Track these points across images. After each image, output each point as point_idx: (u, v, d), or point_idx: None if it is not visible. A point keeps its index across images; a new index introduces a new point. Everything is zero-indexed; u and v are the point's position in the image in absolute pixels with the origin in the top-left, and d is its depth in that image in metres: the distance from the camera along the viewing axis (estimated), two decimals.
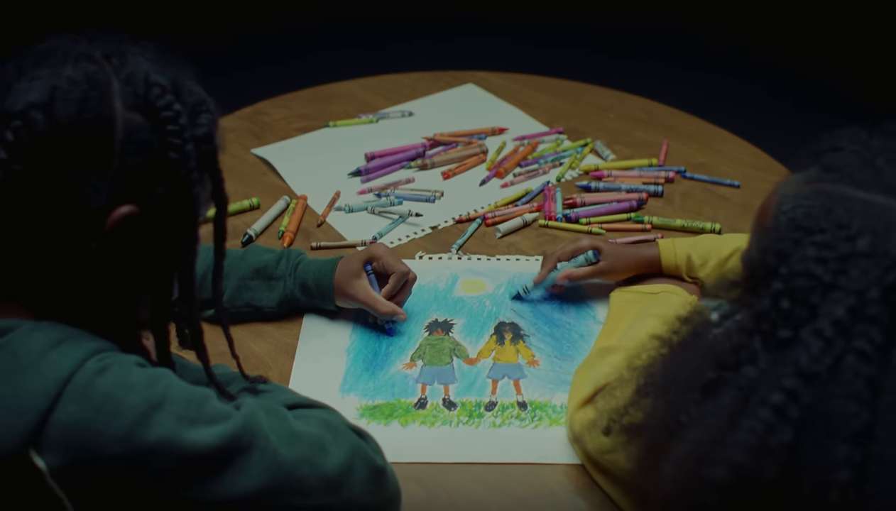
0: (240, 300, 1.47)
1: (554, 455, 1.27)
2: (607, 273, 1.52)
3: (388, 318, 1.45)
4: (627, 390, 1.10)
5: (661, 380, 1.03)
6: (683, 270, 1.51)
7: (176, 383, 0.96)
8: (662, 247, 1.52)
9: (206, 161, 1.00)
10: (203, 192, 1.01)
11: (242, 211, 1.75)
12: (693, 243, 1.52)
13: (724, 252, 1.49)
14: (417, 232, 1.71)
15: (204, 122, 0.99)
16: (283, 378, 1.39)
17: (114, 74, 0.94)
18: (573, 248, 1.52)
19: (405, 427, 1.31)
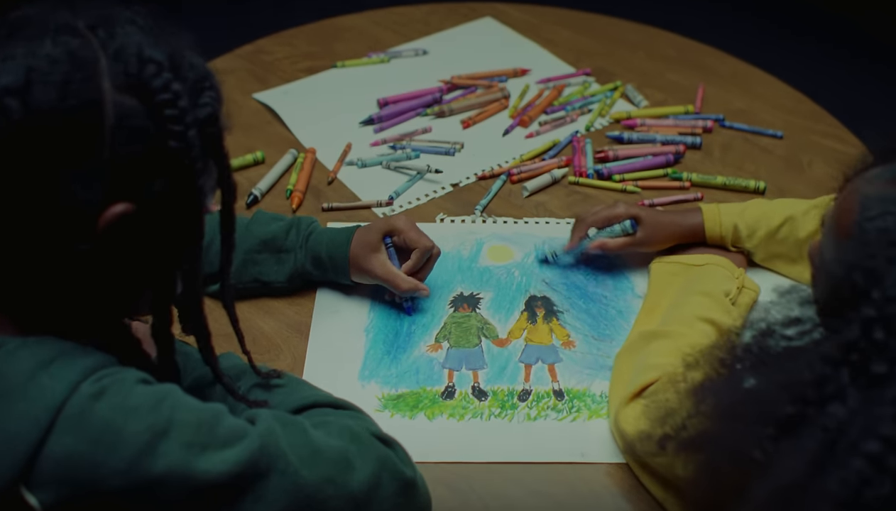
0: (246, 275, 1.34)
1: (596, 453, 1.16)
2: (645, 244, 1.39)
3: (410, 295, 1.33)
4: (681, 396, 0.98)
5: (726, 400, 0.91)
6: (729, 241, 1.38)
7: (184, 402, 0.86)
8: (707, 215, 1.39)
9: (210, 146, 0.87)
10: (208, 180, 0.89)
11: (246, 166, 1.61)
12: (740, 211, 1.39)
13: (774, 222, 1.37)
14: (437, 190, 1.57)
15: (207, 101, 0.87)
16: (297, 362, 1.27)
17: (101, 50, 0.81)
18: (607, 214, 1.39)
19: (432, 421, 1.20)
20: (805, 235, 1.35)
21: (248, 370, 1.08)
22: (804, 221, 1.36)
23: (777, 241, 1.37)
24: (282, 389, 1.06)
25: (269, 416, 0.92)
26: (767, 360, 0.91)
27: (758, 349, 0.93)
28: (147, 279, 0.89)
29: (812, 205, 1.37)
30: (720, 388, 0.94)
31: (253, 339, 1.29)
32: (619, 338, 1.31)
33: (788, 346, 0.91)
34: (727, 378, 0.94)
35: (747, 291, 1.32)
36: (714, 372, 0.97)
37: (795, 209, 1.37)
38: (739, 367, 0.94)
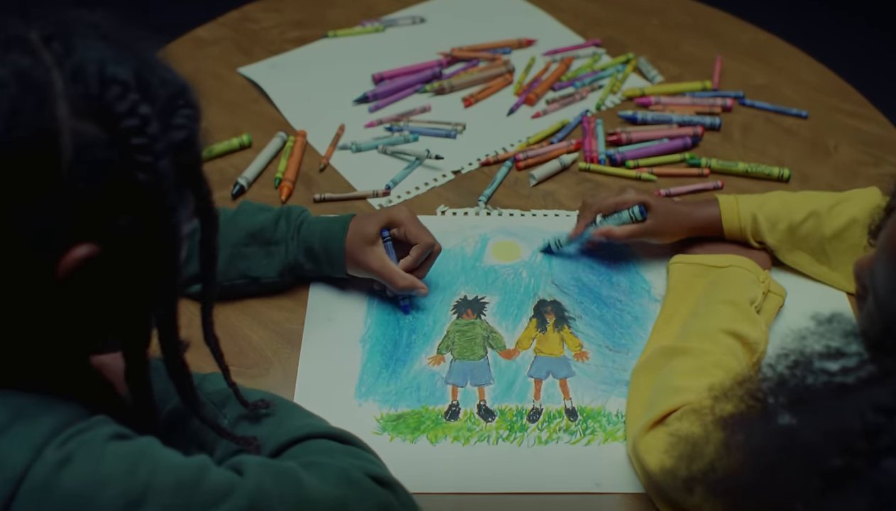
0: (234, 271, 1.23)
1: (612, 481, 1.07)
2: (655, 234, 1.29)
3: (407, 293, 1.23)
4: (708, 430, 0.89)
5: (760, 444, 0.82)
6: (749, 234, 1.28)
7: (162, 460, 0.76)
8: (724, 206, 1.28)
9: (186, 175, 0.76)
10: (185, 211, 0.78)
11: (231, 151, 1.50)
12: (760, 203, 1.28)
13: (797, 216, 1.26)
14: (437, 178, 1.46)
15: (181, 122, 0.76)
16: (288, 378, 1.17)
17: (56, 68, 0.70)
18: (616, 200, 1.29)
19: (435, 445, 1.10)
20: (830, 233, 1.25)
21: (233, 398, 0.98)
22: (829, 218, 1.26)
23: (800, 238, 1.27)
24: (271, 419, 0.96)
25: (258, 467, 0.82)
26: (807, 398, 0.81)
27: (795, 384, 0.83)
28: (116, 325, 0.79)
29: (837, 200, 1.27)
30: (753, 428, 0.84)
31: (240, 350, 1.20)
32: (636, 348, 1.21)
33: (831, 383, 0.81)
34: (760, 415, 0.85)
35: (773, 297, 1.23)
36: (744, 406, 0.87)
37: (819, 203, 1.27)
38: (772, 401, 0.84)
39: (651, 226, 1.28)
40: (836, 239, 1.26)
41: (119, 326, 0.79)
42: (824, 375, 0.81)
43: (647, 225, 1.27)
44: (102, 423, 0.76)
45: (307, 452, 0.91)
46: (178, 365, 0.84)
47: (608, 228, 1.28)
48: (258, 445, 0.91)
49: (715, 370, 1.07)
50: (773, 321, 1.22)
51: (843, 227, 1.25)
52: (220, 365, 0.94)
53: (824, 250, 1.27)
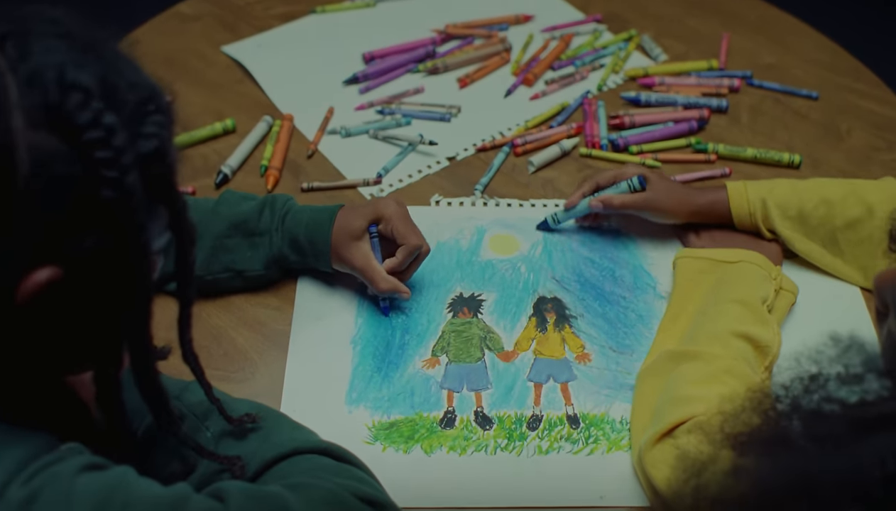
0: (217, 264, 1.17)
1: (617, 494, 1.01)
2: (654, 208, 1.23)
3: (388, 296, 1.16)
4: (717, 449, 0.83)
5: (771, 480, 0.76)
6: (759, 219, 1.22)
7: (137, 493, 0.70)
8: (732, 191, 1.22)
9: (158, 189, 0.70)
10: (157, 226, 0.72)
11: (214, 136, 1.42)
12: (770, 188, 1.22)
13: (808, 204, 1.20)
14: (431, 165, 1.39)
15: (152, 131, 0.69)
16: (275, 382, 1.11)
17: (10, 74, 0.63)
18: (615, 172, 1.25)
19: (430, 455, 1.05)
20: (843, 223, 1.19)
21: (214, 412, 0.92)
22: (842, 208, 1.19)
23: (811, 226, 1.21)
24: (257, 434, 0.90)
25: (240, 495, 0.76)
26: (822, 432, 0.75)
27: (809, 411, 0.77)
28: (85, 349, 0.72)
29: (850, 189, 1.21)
30: (763, 459, 0.78)
31: (225, 353, 1.14)
32: (641, 349, 1.15)
33: (849, 416, 0.75)
34: (770, 442, 0.79)
35: (785, 294, 1.17)
36: (755, 426, 0.81)
37: (831, 192, 1.21)
38: (785, 426, 0.78)
39: (650, 198, 1.22)
40: (849, 230, 1.19)
41: (88, 350, 0.73)
42: (841, 406, 0.75)
43: (647, 196, 1.22)
44: (72, 454, 0.70)
45: (294, 470, 0.86)
46: (149, 385, 0.78)
47: (606, 196, 1.22)
48: (242, 465, 0.86)
49: (726, 377, 1.01)
50: (785, 319, 1.17)
51: (857, 218, 1.19)
52: (202, 382, 0.88)
53: (836, 241, 1.21)
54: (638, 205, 1.23)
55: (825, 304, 1.20)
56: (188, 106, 1.47)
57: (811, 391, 0.76)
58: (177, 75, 1.51)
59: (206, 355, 1.13)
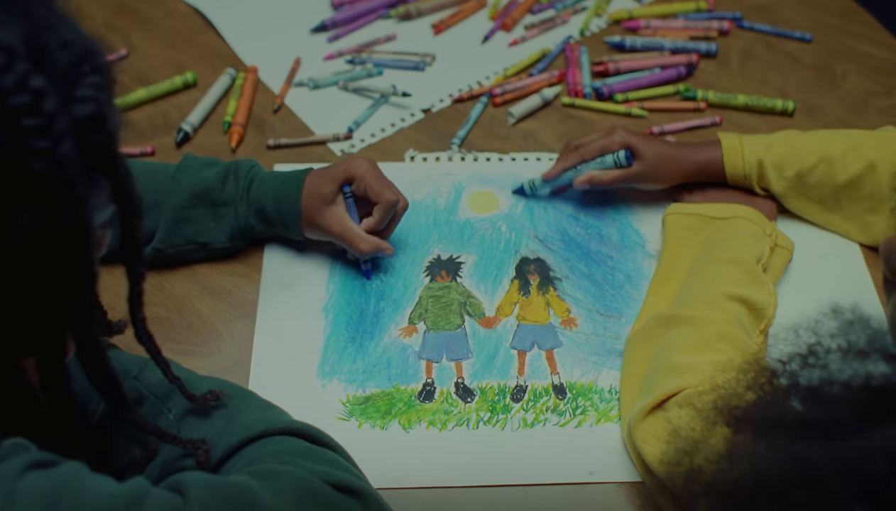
0: (179, 237, 1.09)
1: (607, 469, 0.96)
2: (645, 179, 1.16)
3: (371, 257, 1.10)
4: (710, 426, 0.77)
5: (769, 467, 0.70)
6: (755, 181, 1.15)
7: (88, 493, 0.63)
8: (727, 150, 1.15)
9: (97, 157, 0.62)
10: (99, 198, 0.64)
11: (174, 91, 1.34)
12: (766, 145, 1.15)
13: (807, 162, 1.13)
14: (405, 118, 1.32)
15: (87, 93, 0.62)
16: (243, 355, 1.04)
17: None
18: (601, 144, 1.15)
19: (408, 431, 0.99)
20: (844, 181, 1.12)
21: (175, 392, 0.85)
22: (843, 164, 1.13)
23: (809, 186, 1.14)
24: (223, 413, 0.84)
25: (203, 488, 0.69)
26: (825, 418, 0.69)
27: (810, 390, 0.71)
28: (24, 339, 0.65)
29: (852, 144, 1.14)
30: (759, 443, 0.72)
31: (189, 325, 1.07)
32: (630, 312, 1.09)
33: (853, 400, 0.69)
34: (768, 424, 0.73)
35: (780, 251, 1.11)
36: (751, 401, 0.74)
37: (832, 147, 1.14)
38: (783, 406, 0.72)
39: (639, 171, 1.15)
40: (851, 187, 1.13)
41: (28, 337, 0.66)
42: (845, 389, 0.69)
43: (635, 170, 1.15)
44: (16, 451, 0.63)
45: (262, 454, 0.80)
46: (98, 371, 0.72)
47: (591, 174, 1.15)
48: (207, 449, 0.79)
49: (719, 344, 0.95)
50: (781, 278, 1.10)
51: (859, 174, 1.12)
52: (159, 362, 0.81)
53: (837, 199, 1.14)
54: (627, 179, 1.16)
55: (822, 260, 1.14)
56: (145, 59, 1.39)
57: (811, 367, 0.70)
58: (132, 25, 1.42)
59: (169, 328, 1.06)
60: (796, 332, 0.72)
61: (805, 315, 0.72)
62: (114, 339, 0.89)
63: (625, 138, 1.15)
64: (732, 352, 0.95)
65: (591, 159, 1.15)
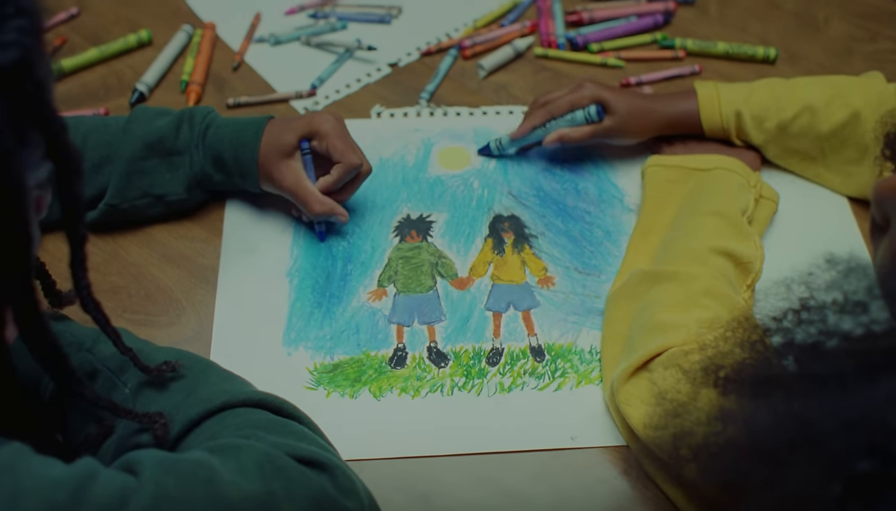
0: (133, 190, 1.04)
1: (589, 434, 0.91)
2: (617, 134, 1.11)
3: (323, 219, 1.04)
4: (698, 387, 0.72)
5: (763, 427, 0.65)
6: (733, 133, 1.10)
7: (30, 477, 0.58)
8: (703, 100, 1.10)
9: (26, 109, 0.57)
10: (32, 155, 0.59)
11: (128, 50, 1.27)
12: (745, 96, 1.10)
13: (788, 112, 1.08)
14: (371, 73, 1.26)
15: (11, 38, 0.57)
16: (204, 325, 0.99)
17: None
18: (570, 99, 1.10)
19: (379, 399, 0.94)
20: (828, 130, 1.08)
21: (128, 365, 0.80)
22: (827, 114, 1.08)
23: (791, 137, 1.09)
24: (182, 384, 0.79)
25: (157, 467, 0.64)
26: (822, 372, 0.64)
27: (805, 345, 0.66)
28: None
29: (835, 91, 1.09)
30: (752, 402, 0.68)
31: (147, 294, 1.01)
32: (609, 270, 1.04)
33: (853, 352, 0.64)
34: (760, 383, 0.68)
35: (765, 202, 1.06)
36: (741, 360, 0.70)
37: (814, 96, 1.09)
38: (776, 364, 0.67)
39: (611, 126, 1.09)
40: (835, 137, 1.08)
41: None
42: (844, 340, 0.64)
43: (607, 125, 1.09)
44: None
45: (224, 428, 0.75)
46: (41, 346, 0.66)
47: (561, 132, 1.09)
48: (164, 423, 0.75)
49: (705, 300, 0.91)
50: (767, 231, 1.06)
51: (843, 123, 1.07)
52: (108, 332, 0.76)
53: (821, 149, 1.09)
54: (599, 135, 1.10)
55: (809, 212, 1.10)
56: (96, 17, 1.33)
57: (806, 322, 0.65)
58: None
59: (126, 297, 1.01)
60: (788, 286, 0.67)
61: (795, 268, 0.67)
62: (68, 311, 0.84)
63: (595, 92, 1.09)
64: (719, 308, 0.90)
65: (561, 116, 1.10)
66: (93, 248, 1.04)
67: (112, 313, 0.75)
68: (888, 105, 1.05)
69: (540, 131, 1.11)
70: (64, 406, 0.78)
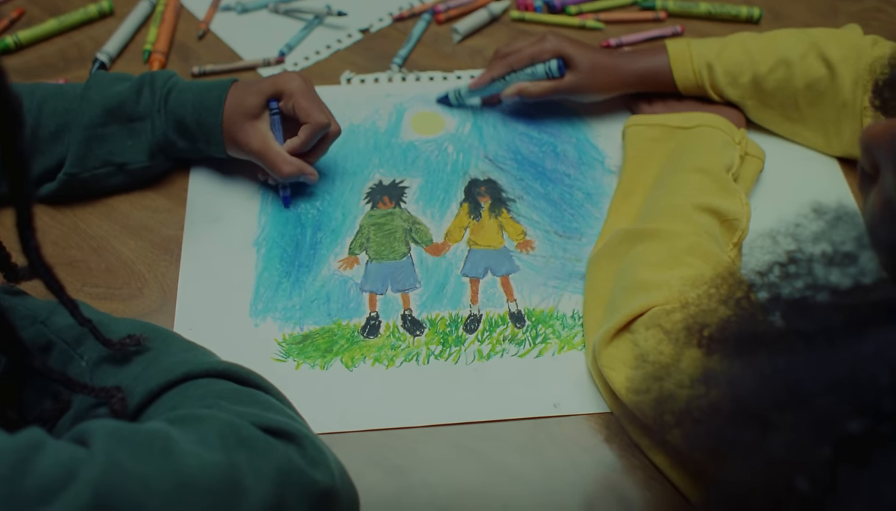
0: (93, 158, 0.99)
1: (573, 401, 0.87)
2: (580, 90, 1.07)
3: (291, 181, 1.00)
4: (681, 348, 0.68)
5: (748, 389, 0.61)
6: (707, 86, 1.06)
7: None
8: (674, 54, 1.06)
9: None
10: None
11: (89, 21, 1.22)
12: (718, 50, 1.06)
13: (763, 66, 1.04)
14: (341, 39, 1.21)
15: None
16: (167, 297, 0.94)
17: None
18: (531, 52, 1.06)
19: (352, 370, 0.89)
20: (804, 85, 1.04)
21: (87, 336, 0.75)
22: (802, 66, 1.04)
23: (767, 92, 1.05)
24: (142, 358, 0.74)
25: (109, 437, 0.60)
26: (810, 328, 0.60)
27: (791, 300, 0.62)
28: None
29: (811, 43, 1.05)
30: (736, 364, 0.63)
31: (107, 267, 0.97)
32: (591, 232, 1.00)
33: (841, 306, 0.60)
34: (744, 342, 0.64)
35: (751, 160, 1.02)
36: (725, 318, 0.65)
37: (789, 49, 1.05)
38: (762, 321, 0.63)
39: (572, 82, 1.06)
40: (811, 91, 1.04)
41: None
42: (832, 293, 0.60)
43: (568, 81, 1.06)
44: None
45: (185, 399, 0.70)
46: None
47: (520, 86, 1.06)
48: (122, 397, 0.70)
49: (689, 258, 0.87)
50: (753, 189, 1.02)
51: (820, 76, 1.03)
52: (63, 301, 0.71)
53: (797, 105, 1.06)
54: (560, 91, 1.07)
55: (795, 169, 1.06)
56: None
57: (793, 276, 0.61)
58: None
59: (86, 270, 0.96)
60: (774, 238, 0.63)
61: (783, 219, 0.63)
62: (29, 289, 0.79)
63: (557, 46, 1.05)
64: (703, 266, 0.86)
65: (521, 69, 1.06)
66: (51, 220, 1.00)
67: (71, 287, 0.70)
68: (865, 57, 1.02)
69: (500, 84, 1.07)
70: (16, 381, 0.73)
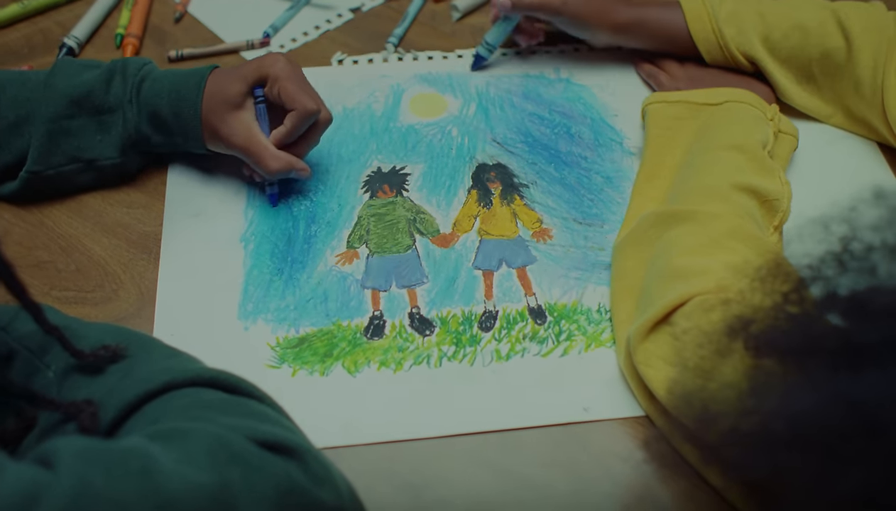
0: (58, 154, 0.89)
1: (604, 404, 0.78)
2: (569, 14, 1.00)
3: (281, 177, 0.90)
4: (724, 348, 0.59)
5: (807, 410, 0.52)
6: (733, 48, 0.98)
7: None
8: (688, 9, 0.99)
9: None
10: None
11: (55, 5, 1.13)
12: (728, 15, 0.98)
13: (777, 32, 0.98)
14: (331, 19, 1.12)
15: None
16: (145, 300, 0.85)
17: None
18: None
19: (356, 376, 0.80)
20: (819, 54, 0.95)
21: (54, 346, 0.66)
22: (820, 36, 0.95)
23: (780, 60, 0.97)
24: (117, 366, 0.65)
25: (77, 458, 0.50)
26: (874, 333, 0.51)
27: (852, 303, 0.53)
28: None
29: (829, 13, 0.96)
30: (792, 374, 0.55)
31: (78, 268, 0.87)
32: (613, 219, 0.91)
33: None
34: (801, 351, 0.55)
35: (784, 138, 0.93)
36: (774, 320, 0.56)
37: (807, 16, 0.97)
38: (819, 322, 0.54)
39: (564, 1, 0.99)
40: (827, 61, 0.96)
41: None
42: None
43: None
44: None
45: (168, 410, 0.61)
46: None
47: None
48: (93, 411, 0.61)
49: (731, 242, 0.77)
50: (787, 169, 0.93)
51: (837, 47, 0.95)
52: (25, 303, 0.61)
53: (812, 76, 0.97)
54: (551, 7, 0.99)
55: (830, 148, 0.98)
56: None
57: (851, 270, 0.52)
58: None
59: (54, 273, 0.87)
60: (826, 225, 0.54)
61: (834, 204, 0.54)
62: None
63: None
64: (748, 252, 0.76)
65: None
66: (13, 218, 0.90)
67: (38, 292, 0.61)
68: (887, 33, 0.94)
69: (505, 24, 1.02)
70: None
